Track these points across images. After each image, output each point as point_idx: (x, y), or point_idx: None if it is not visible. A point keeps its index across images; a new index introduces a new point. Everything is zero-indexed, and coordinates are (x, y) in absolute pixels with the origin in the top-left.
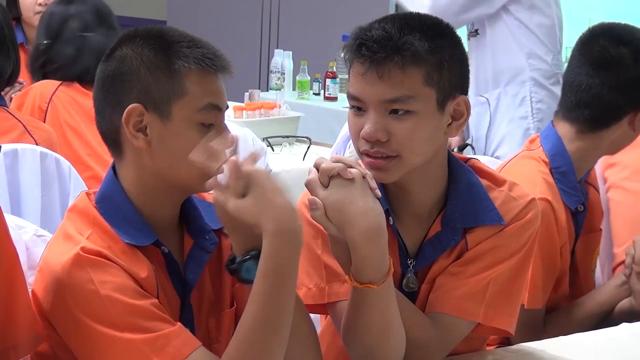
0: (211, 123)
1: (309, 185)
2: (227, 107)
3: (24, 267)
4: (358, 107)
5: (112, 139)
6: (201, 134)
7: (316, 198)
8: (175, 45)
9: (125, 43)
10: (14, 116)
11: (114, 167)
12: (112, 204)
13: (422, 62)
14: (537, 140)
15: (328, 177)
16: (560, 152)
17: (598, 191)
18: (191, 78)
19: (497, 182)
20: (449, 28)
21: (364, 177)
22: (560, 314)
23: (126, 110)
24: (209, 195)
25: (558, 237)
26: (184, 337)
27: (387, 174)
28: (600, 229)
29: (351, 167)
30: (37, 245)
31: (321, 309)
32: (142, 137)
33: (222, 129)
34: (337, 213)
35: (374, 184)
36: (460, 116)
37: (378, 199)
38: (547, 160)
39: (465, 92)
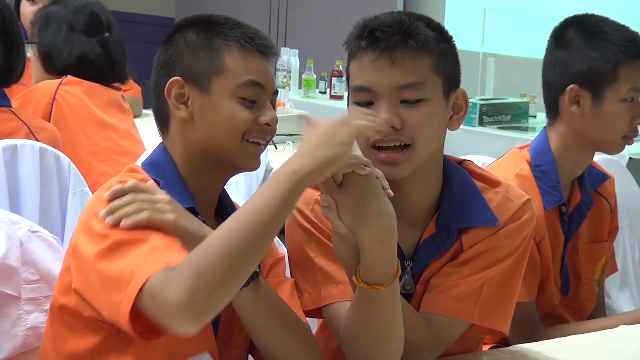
0: (253, 100)
1: (322, 183)
2: (277, 92)
3: (18, 262)
4: (367, 102)
5: (162, 116)
6: (241, 108)
7: (329, 196)
8: (218, 26)
9: (177, 29)
10: (18, 117)
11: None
12: (159, 167)
13: (430, 49)
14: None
15: (342, 174)
16: (544, 151)
17: (611, 205)
18: (233, 55)
19: (493, 183)
20: (442, 25)
21: (377, 177)
22: (565, 326)
23: (168, 83)
24: None
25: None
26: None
27: (400, 168)
28: (607, 241)
29: (366, 166)
30: (31, 241)
31: (320, 313)
32: (184, 108)
33: (266, 108)
34: (350, 213)
35: (386, 184)
36: (460, 110)
37: None
38: (529, 158)
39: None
